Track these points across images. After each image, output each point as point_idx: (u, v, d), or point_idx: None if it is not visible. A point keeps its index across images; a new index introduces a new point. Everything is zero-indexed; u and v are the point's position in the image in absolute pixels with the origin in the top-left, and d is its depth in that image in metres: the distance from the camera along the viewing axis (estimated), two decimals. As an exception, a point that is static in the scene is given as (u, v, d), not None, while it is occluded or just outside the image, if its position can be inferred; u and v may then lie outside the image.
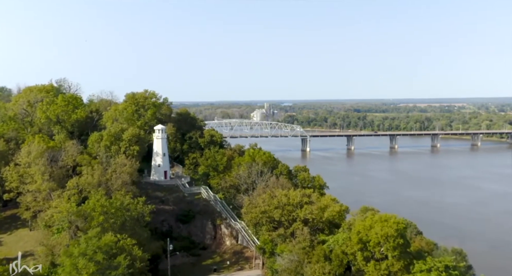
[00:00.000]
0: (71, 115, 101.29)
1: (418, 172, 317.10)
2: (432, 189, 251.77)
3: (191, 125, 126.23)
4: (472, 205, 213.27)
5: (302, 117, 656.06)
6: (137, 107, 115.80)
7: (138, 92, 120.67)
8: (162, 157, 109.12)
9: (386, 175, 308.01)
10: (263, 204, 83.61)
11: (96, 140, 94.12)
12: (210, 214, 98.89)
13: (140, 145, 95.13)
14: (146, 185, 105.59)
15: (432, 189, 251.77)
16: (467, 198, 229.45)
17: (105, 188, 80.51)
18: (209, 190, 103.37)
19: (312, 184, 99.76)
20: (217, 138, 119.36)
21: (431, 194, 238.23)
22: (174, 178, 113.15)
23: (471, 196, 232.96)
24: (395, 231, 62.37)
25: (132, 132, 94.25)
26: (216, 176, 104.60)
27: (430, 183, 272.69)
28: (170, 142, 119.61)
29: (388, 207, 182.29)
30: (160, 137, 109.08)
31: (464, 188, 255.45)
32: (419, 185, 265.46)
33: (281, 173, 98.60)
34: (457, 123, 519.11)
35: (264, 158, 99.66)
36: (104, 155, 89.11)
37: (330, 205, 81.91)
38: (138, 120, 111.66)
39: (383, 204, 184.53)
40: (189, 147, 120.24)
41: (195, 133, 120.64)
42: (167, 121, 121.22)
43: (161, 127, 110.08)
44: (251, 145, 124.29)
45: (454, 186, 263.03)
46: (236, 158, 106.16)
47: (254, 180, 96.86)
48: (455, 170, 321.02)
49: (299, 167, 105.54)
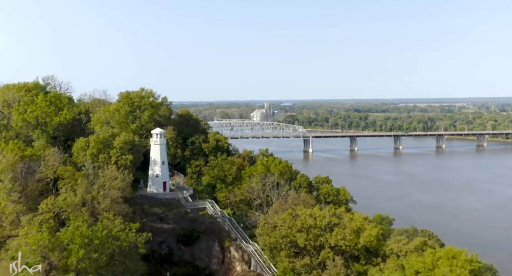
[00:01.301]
0: (53, 118, 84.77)
1: (426, 174, 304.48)
2: (443, 193, 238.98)
3: (194, 128, 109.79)
4: (489, 211, 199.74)
5: (303, 118, 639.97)
6: (132, 108, 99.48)
7: (134, 91, 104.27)
8: (161, 166, 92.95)
9: (393, 177, 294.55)
10: (283, 225, 67.88)
11: (82, 147, 77.80)
12: (217, 233, 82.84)
13: (134, 153, 78.81)
14: (142, 199, 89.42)
15: (443, 193, 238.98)
16: (482, 202, 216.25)
17: (90, 208, 64.57)
18: (215, 205, 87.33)
19: (337, 198, 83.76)
20: (223, 143, 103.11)
21: (443, 199, 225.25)
22: (174, 189, 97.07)
23: (485, 200, 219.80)
24: (470, 272, 46.37)
25: (124, 139, 77.71)
26: (224, 189, 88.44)
27: (440, 186, 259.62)
28: (169, 147, 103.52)
29: (400, 214, 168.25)
30: (159, 142, 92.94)
31: (476, 191, 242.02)
32: (428, 188, 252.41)
33: (300, 185, 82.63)
34: (461, 124, 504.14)
35: (280, 168, 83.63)
36: (90, 165, 72.88)
37: (365, 227, 66.16)
38: (133, 123, 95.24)
39: (395, 210, 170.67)
40: (191, 153, 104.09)
41: (198, 137, 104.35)
42: (166, 124, 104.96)
43: (160, 131, 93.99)
44: (262, 150, 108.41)
45: (465, 189, 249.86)
46: (247, 167, 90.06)
47: (269, 193, 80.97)
48: (464, 172, 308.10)
49: (320, 178, 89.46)
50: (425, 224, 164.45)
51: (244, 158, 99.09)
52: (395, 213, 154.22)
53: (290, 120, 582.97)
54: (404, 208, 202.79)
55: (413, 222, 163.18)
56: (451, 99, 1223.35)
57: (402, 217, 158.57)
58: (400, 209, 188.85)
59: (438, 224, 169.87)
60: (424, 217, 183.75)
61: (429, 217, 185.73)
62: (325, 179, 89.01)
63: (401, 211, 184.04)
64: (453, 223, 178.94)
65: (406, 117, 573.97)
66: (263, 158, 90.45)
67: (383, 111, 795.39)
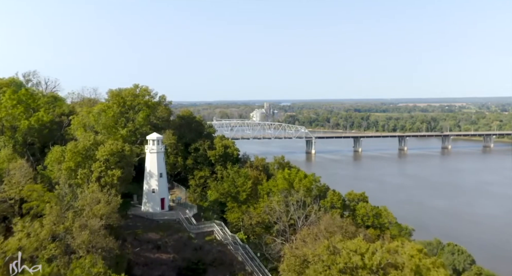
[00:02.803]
0: (22, 121, 66.73)
1: (434, 176, 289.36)
2: (457, 197, 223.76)
3: (197, 132, 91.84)
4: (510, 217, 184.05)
5: (304, 118, 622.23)
6: (123, 108, 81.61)
7: (126, 89, 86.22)
8: (158, 179, 75.16)
9: (401, 180, 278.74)
10: (318, 262, 50.49)
11: (57, 159, 59.98)
12: (228, 266, 65.20)
13: (123, 167, 60.88)
14: (134, 220, 71.69)
15: (457, 197, 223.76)
16: (500, 208, 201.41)
17: (63, 244, 46.89)
18: (225, 228, 69.65)
19: (378, 221, 66.11)
20: (232, 150, 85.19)
21: (459, 204, 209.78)
22: (174, 206, 79.36)
23: (503, 205, 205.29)
24: None
25: (110, 148, 59.68)
26: (236, 208, 70.68)
27: (452, 189, 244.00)
28: (169, 155, 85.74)
29: (416, 221, 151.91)
30: (155, 150, 75.19)
31: (491, 195, 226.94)
32: (441, 192, 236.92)
33: (332, 205, 65.02)
34: (465, 124, 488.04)
35: (306, 183, 66.06)
36: (65, 183, 55.14)
37: (427, 266, 48.86)
38: (125, 127, 77.26)
39: (410, 217, 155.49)
40: (194, 162, 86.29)
41: (203, 143, 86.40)
42: (165, 127, 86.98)
43: (157, 137, 76.23)
44: (277, 158, 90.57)
45: (479, 193, 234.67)
46: (264, 181, 72.35)
47: (293, 215, 63.43)
48: (475, 175, 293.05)
49: (354, 195, 71.57)
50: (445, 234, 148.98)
51: (259, 169, 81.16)
52: (410, 220, 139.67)
53: (290, 121, 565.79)
54: (419, 214, 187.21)
55: (431, 232, 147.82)
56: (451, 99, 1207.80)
57: (419, 225, 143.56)
58: (415, 216, 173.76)
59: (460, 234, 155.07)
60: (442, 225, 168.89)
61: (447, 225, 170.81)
62: (360, 196, 71.34)
63: (417, 218, 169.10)
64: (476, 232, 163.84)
65: (408, 117, 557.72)
66: (284, 169, 72.18)
67: (383, 111, 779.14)
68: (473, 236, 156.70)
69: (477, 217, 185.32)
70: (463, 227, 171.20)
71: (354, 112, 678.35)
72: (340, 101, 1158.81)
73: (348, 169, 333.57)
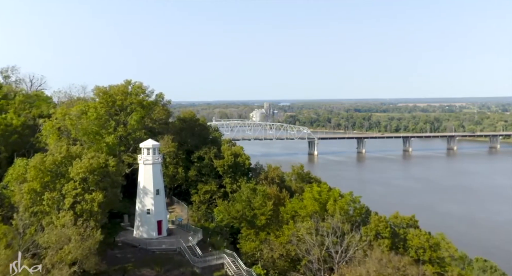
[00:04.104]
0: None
1: (444, 179, 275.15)
2: (471, 202, 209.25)
3: (201, 137, 76.25)
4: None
5: (304, 118, 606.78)
6: (112, 109, 66.21)
7: (116, 85, 70.72)
8: (154, 197, 59.71)
9: (410, 183, 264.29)
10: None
11: (18, 177, 44.57)
12: (243, 312, 50.18)
13: (107, 188, 45.30)
14: (124, 250, 56.29)
15: (471, 202, 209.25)
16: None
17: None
18: (238, 260, 54.33)
19: (436, 254, 50.58)
20: (244, 159, 69.70)
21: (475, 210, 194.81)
22: (174, 230, 63.97)
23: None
24: None
25: (88, 164, 44.03)
26: (253, 236, 55.27)
27: (465, 193, 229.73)
28: (167, 165, 70.22)
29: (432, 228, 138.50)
30: (151, 161, 59.72)
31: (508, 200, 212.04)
32: (453, 196, 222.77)
33: (378, 233, 49.80)
34: (469, 124, 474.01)
35: (343, 205, 50.67)
36: (26, 212, 39.62)
37: None
38: (113, 133, 61.73)
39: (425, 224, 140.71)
40: (198, 174, 70.84)
41: (209, 151, 70.92)
42: (163, 132, 71.42)
43: (153, 145, 60.72)
44: (295, 168, 74.98)
45: (494, 197, 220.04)
46: (286, 200, 56.96)
47: (329, 247, 48.21)
48: (486, 177, 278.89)
49: (401, 218, 55.59)
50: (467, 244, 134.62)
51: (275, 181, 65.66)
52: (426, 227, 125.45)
53: (291, 121, 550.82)
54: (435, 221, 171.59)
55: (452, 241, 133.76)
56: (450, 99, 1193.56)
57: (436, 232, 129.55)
58: (431, 223, 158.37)
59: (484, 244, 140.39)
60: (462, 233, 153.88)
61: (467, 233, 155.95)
62: (410, 221, 55.75)
63: (432, 225, 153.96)
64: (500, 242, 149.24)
65: (410, 118, 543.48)
66: (313, 187, 56.30)
67: (384, 111, 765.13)
68: (499, 247, 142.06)
69: (497, 223, 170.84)
70: (484, 236, 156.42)
71: (355, 112, 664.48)
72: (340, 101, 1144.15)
73: (353, 171, 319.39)
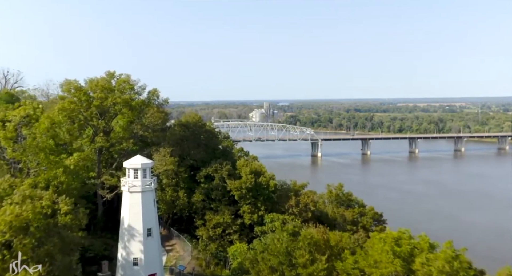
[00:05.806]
0: None
1: (457, 183, 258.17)
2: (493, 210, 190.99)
3: (209, 149, 56.18)
4: None
5: (305, 118, 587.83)
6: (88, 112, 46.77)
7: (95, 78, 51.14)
8: (144, 240, 40.20)
9: (422, 188, 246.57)
10: None
11: None
12: None
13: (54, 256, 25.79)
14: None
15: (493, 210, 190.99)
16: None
17: None
18: None
19: None
20: (267, 179, 50.04)
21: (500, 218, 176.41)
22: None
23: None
24: None
25: (11, 218, 24.10)
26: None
27: (483, 200, 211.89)
28: (164, 187, 50.39)
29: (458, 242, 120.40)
30: (140, 188, 40.22)
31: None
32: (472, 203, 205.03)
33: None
34: (475, 125, 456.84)
35: (443, 264, 30.91)
36: None
37: None
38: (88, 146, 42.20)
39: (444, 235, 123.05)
40: (206, 198, 51.15)
41: (220, 168, 51.11)
42: (158, 142, 51.67)
43: (142, 164, 41.17)
44: (331, 188, 55.71)
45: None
46: (339, 244, 37.39)
47: None
48: (501, 181, 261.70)
49: None
50: (504, 261, 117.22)
51: (309, 209, 46.11)
52: (456, 242, 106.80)
53: (291, 121, 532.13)
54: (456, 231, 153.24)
55: (487, 259, 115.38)
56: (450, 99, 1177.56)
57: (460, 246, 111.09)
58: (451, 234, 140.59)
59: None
60: (491, 247, 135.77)
61: (501, 249, 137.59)
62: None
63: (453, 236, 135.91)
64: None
65: (413, 118, 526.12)
66: (388, 234, 36.55)
67: (384, 111, 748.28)
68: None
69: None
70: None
71: (355, 112, 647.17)
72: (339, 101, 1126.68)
73: (360, 174, 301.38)
